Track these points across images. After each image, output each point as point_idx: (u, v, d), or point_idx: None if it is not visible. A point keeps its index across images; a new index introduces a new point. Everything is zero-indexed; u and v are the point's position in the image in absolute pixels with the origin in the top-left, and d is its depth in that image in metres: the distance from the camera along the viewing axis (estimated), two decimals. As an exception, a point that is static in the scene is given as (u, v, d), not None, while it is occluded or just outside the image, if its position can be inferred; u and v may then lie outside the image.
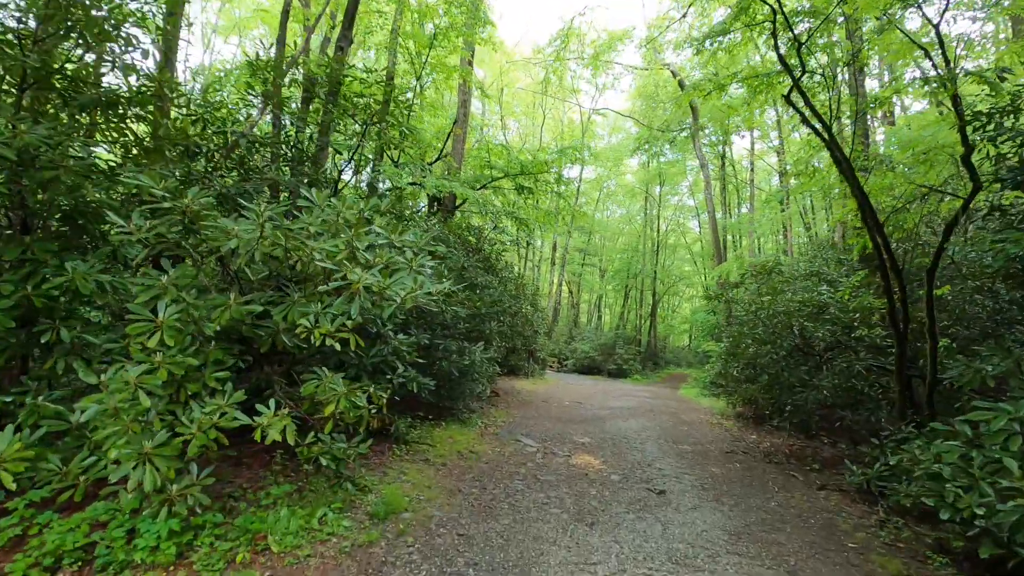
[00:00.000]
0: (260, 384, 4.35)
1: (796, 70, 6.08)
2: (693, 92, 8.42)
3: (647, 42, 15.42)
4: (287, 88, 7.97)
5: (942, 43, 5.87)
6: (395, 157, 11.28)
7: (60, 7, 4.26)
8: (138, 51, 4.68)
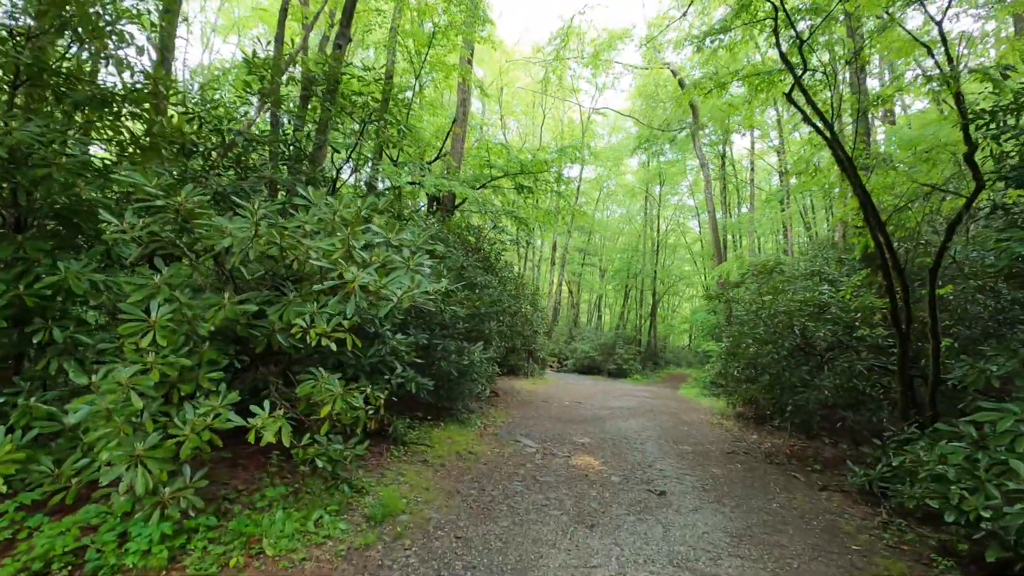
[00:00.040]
0: (256, 385, 4.30)
1: (798, 68, 6.03)
2: (693, 90, 8.38)
3: (647, 41, 15.35)
4: (285, 87, 7.92)
5: (945, 41, 5.82)
6: (394, 156, 11.23)
7: (54, 3, 4.21)
8: (133, 48, 4.65)
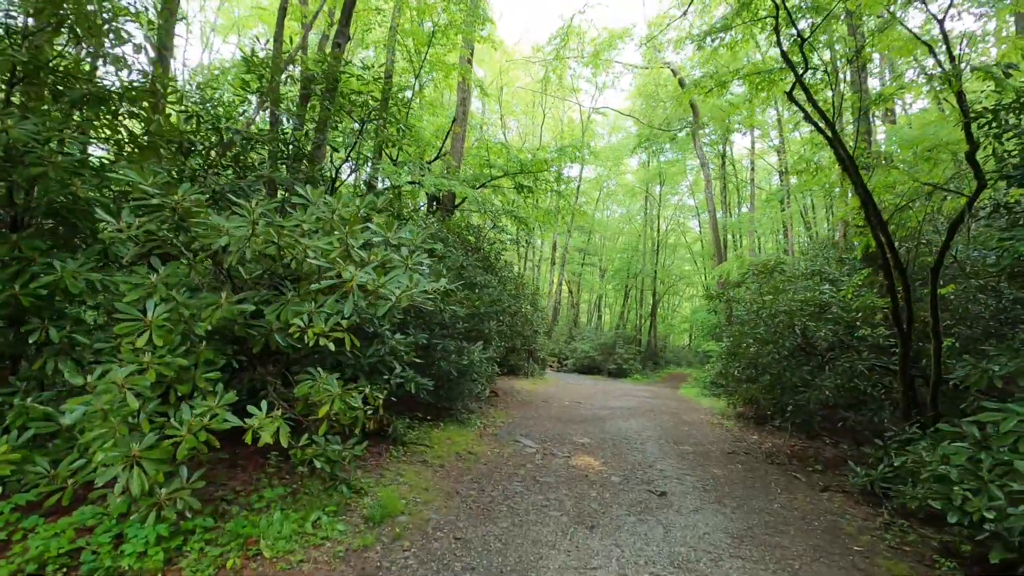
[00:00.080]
0: (255, 385, 4.27)
1: (799, 66, 6.00)
2: (694, 89, 8.35)
3: (647, 40, 15.32)
4: (284, 86, 7.89)
5: (947, 39, 5.79)
6: (394, 155, 11.20)
7: (51, 0, 4.18)
8: (130, 46, 4.62)
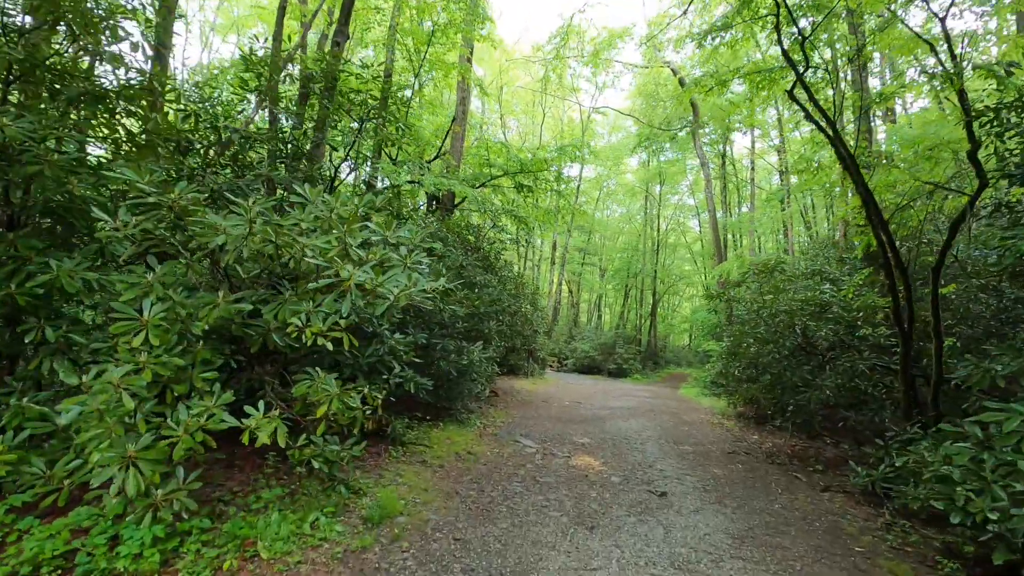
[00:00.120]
0: (253, 385, 4.24)
1: (800, 65, 5.98)
2: (694, 88, 8.32)
3: (647, 39, 15.30)
4: (283, 85, 7.86)
5: (948, 38, 5.76)
6: (393, 155, 11.17)
7: (47, -2, 4.15)
8: (128, 44, 4.59)
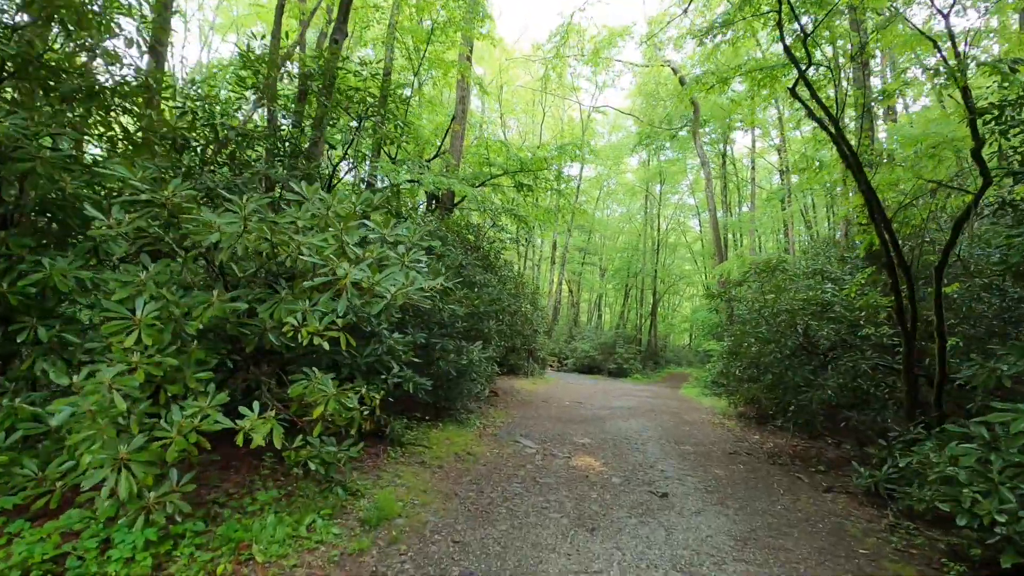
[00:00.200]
0: (250, 385, 4.19)
1: (802, 62, 5.92)
2: (695, 86, 8.27)
3: (648, 38, 15.24)
4: (281, 83, 7.81)
5: (951, 34, 5.71)
6: (392, 153, 11.12)
7: (40, -7, 4.10)
8: (123, 40, 4.54)
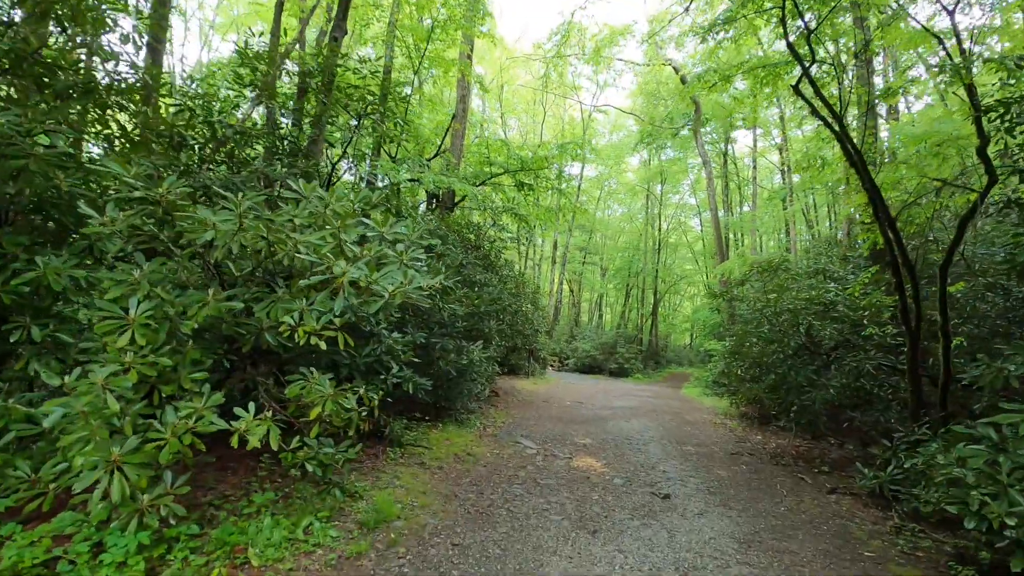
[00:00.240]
0: (248, 385, 4.14)
1: (806, 59, 5.86)
2: (697, 84, 8.21)
3: (649, 37, 15.19)
4: (280, 81, 7.76)
5: (957, 31, 5.65)
6: (392, 152, 11.07)
7: (35, -11, 4.05)
8: (118, 37, 4.49)
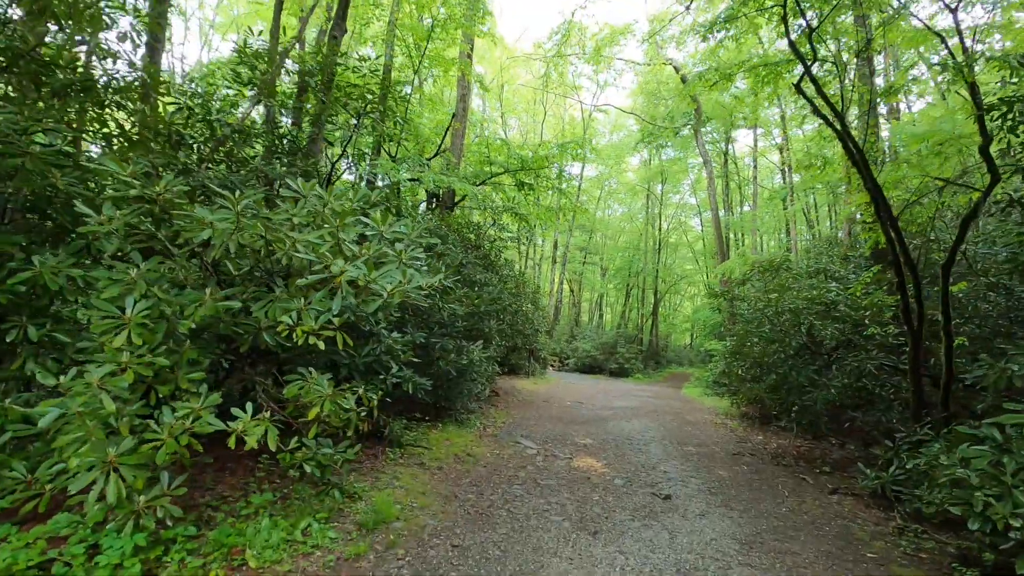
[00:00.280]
0: (247, 386, 4.12)
1: (807, 57, 5.83)
2: (698, 83, 8.18)
3: (649, 36, 15.15)
4: (280, 80, 7.73)
5: (959, 29, 5.62)
6: (392, 151, 11.04)
7: (31, -14, 4.03)
8: (116, 36, 4.46)
